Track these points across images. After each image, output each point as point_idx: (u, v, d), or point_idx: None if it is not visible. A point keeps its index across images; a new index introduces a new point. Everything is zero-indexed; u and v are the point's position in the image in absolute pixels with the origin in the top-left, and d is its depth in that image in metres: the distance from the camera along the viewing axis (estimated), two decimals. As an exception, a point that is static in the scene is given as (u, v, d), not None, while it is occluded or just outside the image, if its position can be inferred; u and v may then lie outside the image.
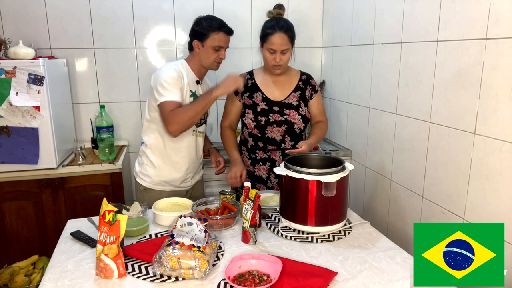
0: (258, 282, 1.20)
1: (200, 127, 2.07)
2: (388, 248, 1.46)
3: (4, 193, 2.32)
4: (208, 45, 1.91)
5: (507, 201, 1.50)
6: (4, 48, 2.40)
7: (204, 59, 1.94)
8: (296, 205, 1.54)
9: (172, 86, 1.85)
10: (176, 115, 1.82)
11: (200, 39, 1.92)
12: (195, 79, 2.00)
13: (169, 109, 1.83)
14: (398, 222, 2.22)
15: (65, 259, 1.38)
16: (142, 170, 2.05)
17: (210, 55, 1.92)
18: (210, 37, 1.90)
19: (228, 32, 1.94)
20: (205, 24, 1.91)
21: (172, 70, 1.90)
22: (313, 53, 3.15)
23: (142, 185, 2.05)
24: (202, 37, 1.91)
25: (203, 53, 1.93)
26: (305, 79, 2.08)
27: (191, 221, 1.40)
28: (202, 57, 1.94)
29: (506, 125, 1.48)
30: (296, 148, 1.86)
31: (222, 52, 1.95)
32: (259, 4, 2.91)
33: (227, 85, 1.84)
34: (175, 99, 1.85)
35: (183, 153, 2.01)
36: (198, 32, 1.92)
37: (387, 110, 2.24)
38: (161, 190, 2.02)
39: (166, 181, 2.03)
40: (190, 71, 1.98)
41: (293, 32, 1.92)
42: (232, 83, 1.84)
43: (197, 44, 1.93)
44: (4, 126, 2.20)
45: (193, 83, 1.98)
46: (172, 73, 1.87)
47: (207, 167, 2.61)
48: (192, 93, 1.96)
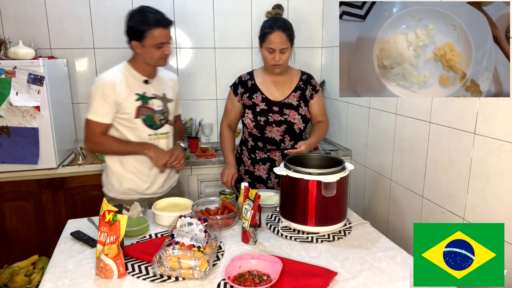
0: (258, 282, 1.20)
1: (161, 129, 1.91)
2: (388, 248, 1.46)
3: (4, 193, 2.32)
4: (149, 44, 1.74)
5: (507, 201, 1.50)
6: (4, 48, 2.40)
7: (148, 59, 1.80)
8: (296, 205, 1.54)
9: (100, 103, 1.76)
10: (99, 145, 1.83)
11: (138, 39, 1.75)
12: (142, 79, 1.85)
13: (93, 131, 1.79)
14: (398, 222, 2.22)
15: (65, 259, 1.38)
16: (107, 179, 1.95)
17: (153, 53, 1.77)
18: (149, 35, 1.72)
19: (166, 25, 1.76)
20: (139, 20, 1.74)
21: (107, 81, 1.77)
22: (313, 53, 3.15)
23: (108, 195, 1.94)
24: (139, 37, 1.74)
25: (146, 53, 1.78)
26: (306, 79, 2.08)
27: (191, 221, 1.40)
28: (145, 57, 1.79)
29: (506, 125, 1.48)
30: (295, 148, 1.86)
31: (166, 48, 1.79)
32: (259, 4, 2.91)
33: (158, 159, 1.83)
34: (100, 120, 1.77)
35: (143, 159, 1.87)
36: (133, 31, 1.75)
37: (387, 110, 2.24)
38: (128, 199, 1.87)
39: (131, 189, 1.91)
40: (134, 73, 1.84)
41: (291, 31, 1.92)
42: (161, 162, 1.83)
43: (136, 45, 1.77)
44: (4, 126, 2.20)
45: (139, 85, 1.84)
46: (105, 87, 1.75)
47: (206, 167, 2.62)
48: (140, 95, 1.82)
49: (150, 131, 1.88)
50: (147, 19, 1.72)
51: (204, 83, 3.00)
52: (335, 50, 2.92)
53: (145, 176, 1.91)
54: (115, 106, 1.79)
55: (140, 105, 1.83)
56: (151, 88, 1.88)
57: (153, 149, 1.85)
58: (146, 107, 1.85)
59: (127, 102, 1.80)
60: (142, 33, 1.73)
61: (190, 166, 2.59)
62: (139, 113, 1.83)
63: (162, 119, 1.91)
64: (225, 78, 2.92)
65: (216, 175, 2.62)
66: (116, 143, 1.83)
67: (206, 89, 3.01)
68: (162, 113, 1.91)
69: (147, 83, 1.87)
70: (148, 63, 1.83)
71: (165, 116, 1.93)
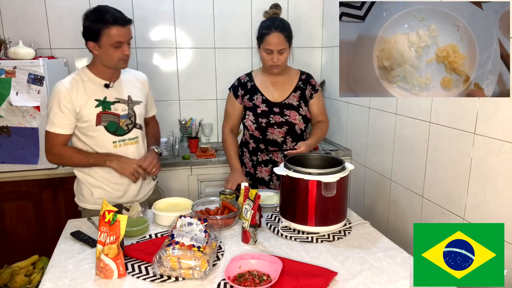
0: (258, 282, 1.20)
1: (128, 134, 1.81)
2: (388, 248, 1.46)
3: (4, 193, 2.32)
4: (106, 44, 1.64)
5: (507, 201, 1.50)
6: (4, 48, 2.40)
7: (106, 60, 1.69)
8: (296, 205, 1.54)
9: (56, 114, 1.67)
10: (58, 156, 1.74)
11: (94, 39, 1.65)
12: (102, 83, 1.75)
13: (51, 142, 1.71)
14: (398, 222, 2.22)
15: (65, 259, 1.38)
16: (77, 188, 1.87)
17: (112, 54, 1.67)
18: (105, 34, 1.63)
19: (124, 23, 1.66)
20: (94, 19, 1.64)
21: (61, 90, 1.67)
22: (313, 53, 3.15)
23: (79, 205, 1.87)
24: (95, 36, 1.64)
25: (104, 54, 1.67)
26: (305, 79, 2.07)
27: (191, 221, 1.40)
28: (103, 58, 1.69)
29: (506, 125, 1.48)
30: (295, 149, 1.86)
31: (125, 48, 1.68)
32: (259, 4, 2.90)
33: (123, 169, 1.73)
34: (58, 131, 1.69)
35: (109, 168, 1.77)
36: (89, 31, 1.65)
37: (387, 110, 2.24)
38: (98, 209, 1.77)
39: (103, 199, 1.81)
40: (93, 78, 1.74)
41: (289, 31, 1.91)
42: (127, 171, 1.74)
43: (93, 46, 1.67)
44: (4, 126, 2.20)
45: (99, 90, 1.74)
46: (60, 95, 1.66)
47: (206, 167, 2.62)
48: (100, 101, 1.73)
49: (114, 138, 1.77)
50: (103, 17, 1.63)
51: (204, 83, 2.99)
52: (335, 50, 2.92)
53: (116, 184, 1.82)
54: (73, 115, 1.69)
55: (100, 111, 1.72)
56: (113, 92, 1.77)
57: (115, 159, 1.74)
58: (109, 112, 1.74)
59: (86, 109, 1.70)
60: (98, 32, 1.63)
61: (190, 166, 2.59)
62: (100, 119, 1.72)
63: (129, 123, 1.81)
64: (225, 78, 2.92)
65: (216, 175, 2.63)
66: (76, 155, 1.73)
67: (206, 89, 3.01)
68: (128, 118, 1.80)
69: (108, 87, 1.76)
70: (107, 66, 1.72)
71: (132, 120, 1.82)
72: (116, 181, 1.81)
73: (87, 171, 1.80)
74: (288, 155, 1.81)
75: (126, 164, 1.75)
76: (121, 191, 1.84)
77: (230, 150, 2.08)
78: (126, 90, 1.82)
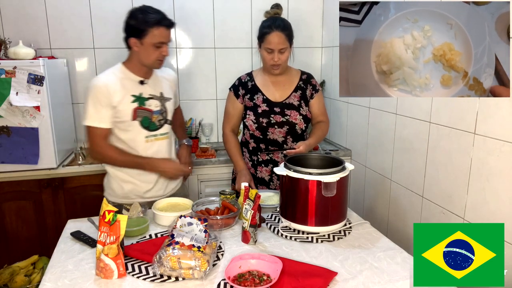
0: (258, 282, 1.20)
1: (160, 130, 1.88)
2: (388, 248, 1.46)
3: (4, 193, 2.32)
4: (148, 42, 1.71)
5: (507, 201, 1.50)
6: (4, 48, 2.40)
7: (144, 58, 1.76)
8: (296, 205, 1.54)
9: (96, 108, 1.72)
10: (102, 155, 1.79)
11: (138, 36, 1.71)
12: (138, 79, 1.82)
13: (96, 137, 1.75)
14: (398, 222, 2.22)
15: (65, 259, 1.38)
16: (107, 183, 1.93)
17: (151, 53, 1.73)
18: (149, 34, 1.69)
19: (169, 26, 1.74)
20: (141, 18, 1.70)
21: (100, 85, 1.73)
22: (313, 53, 3.15)
23: (107, 199, 1.84)
24: (139, 34, 1.70)
25: (143, 52, 1.74)
26: (306, 79, 2.07)
27: (191, 221, 1.40)
28: (142, 56, 1.75)
29: (506, 125, 1.48)
30: (294, 148, 1.86)
31: (165, 49, 1.75)
32: (259, 4, 2.91)
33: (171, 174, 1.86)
34: (99, 125, 1.74)
35: None
36: (134, 28, 1.72)
37: (387, 110, 2.24)
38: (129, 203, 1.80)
39: (133, 193, 1.89)
40: (129, 75, 1.80)
41: (290, 30, 1.91)
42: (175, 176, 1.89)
43: (134, 42, 1.73)
44: (4, 126, 2.20)
45: (135, 86, 1.81)
46: (98, 91, 1.72)
47: (206, 167, 2.62)
48: (136, 97, 1.79)
49: (147, 133, 1.83)
50: (150, 18, 1.70)
51: (204, 83, 2.99)
52: (335, 50, 2.92)
53: (146, 179, 1.87)
54: (112, 110, 1.74)
55: (136, 107, 1.79)
56: (147, 88, 1.84)
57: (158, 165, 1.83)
58: (143, 108, 1.81)
59: (123, 104, 1.76)
60: (143, 31, 1.70)
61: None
62: (135, 115, 1.79)
63: (161, 119, 1.88)
64: (225, 78, 2.92)
65: (216, 175, 2.63)
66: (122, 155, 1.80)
67: (206, 89, 3.01)
68: (160, 113, 1.87)
69: (143, 84, 1.83)
70: (143, 63, 1.78)
71: (164, 116, 1.89)
72: (146, 176, 1.87)
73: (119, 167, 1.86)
74: (288, 154, 1.81)
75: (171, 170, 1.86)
76: (150, 185, 1.89)
77: (233, 150, 2.07)
78: (158, 87, 1.89)
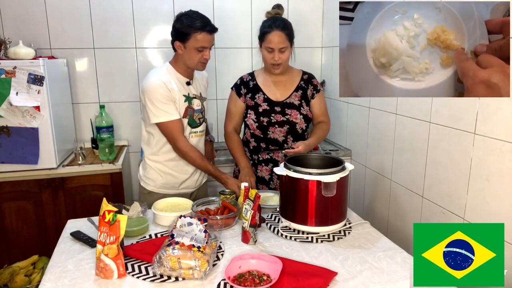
0: (258, 282, 1.20)
1: (198, 127, 2.01)
2: (388, 248, 1.46)
3: (4, 193, 2.32)
4: (191, 46, 1.80)
5: (507, 201, 1.50)
6: (4, 48, 2.40)
7: (188, 61, 1.85)
8: (296, 205, 1.54)
9: (164, 104, 1.81)
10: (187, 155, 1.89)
11: (182, 40, 1.81)
12: (185, 80, 1.93)
13: (174, 132, 1.85)
14: (398, 222, 2.22)
15: (65, 259, 1.38)
16: (146, 174, 2.02)
17: (194, 56, 1.83)
18: (192, 38, 1.79)
19: (211, 31, 1.82)
20: (186, 22, 1.79)
21: (159, 83, 1.82)
22: (313, 53, 3.15)
23: (146, 188, 2.03)
24: (183, 38, 1.80)
25: (186, 55, 1.84)
26: (307, 79, 2.07)
27: (191, 221, 1.40)
28: (186, 58, 1.85)
29: (506, 125, 1.48)
30: (293, 148, 1.86)
31: (207, 52, 1.84)
32: (259, 4, 2.91)
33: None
34: (172, 117, 1.84)
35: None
36: (179, 32, 1.81)
37: (387, 110, 2.24)
38: (164, 193, 1.98)
39: (169, 184, 2.01)
40: (178, 75, 1.90)
41: (291, 30, 1.91)
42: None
43: (179, 46, 1.83)
44: (4, 126, 2.20)
45: (183, 86, 1.92)
46: (160, 89, 1.81)
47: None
48: (187, 96, 1.92)
49: (190, 129, 1.97)
50: (194, 22, 1.79)
51: (204, 83, 2.99)
52: (335, 50, 2.92)
53: (183, 171, 2.00)
54: (174, 105, 1.85)
55: (187, 106, 1.92)
56: (191, 89, 1.96)
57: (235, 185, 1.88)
58: (190, 107, 1.94)
59: (178, 103, 1.88)
60: (187, 34, 1.79)
61: (190, 166, 2.59)
62: (186, 113, 1.92)
63: (201, 117, 2.01)
64: (225, 78, 2.92)
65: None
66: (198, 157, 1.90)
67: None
68: (200, 112, 2.00)
69: (188, 85, 1.94)
70: (187, 65, 1.89)
71: (203, 114, 2.03)
72: (184, 168, 2.00)
73: (161, 159, 1.97)
74: (287, 154, 1.81)
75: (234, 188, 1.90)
76: (186, 176, 2.02)
77: (235, 148, 2.06)
78: (198, 87, 2.02)
